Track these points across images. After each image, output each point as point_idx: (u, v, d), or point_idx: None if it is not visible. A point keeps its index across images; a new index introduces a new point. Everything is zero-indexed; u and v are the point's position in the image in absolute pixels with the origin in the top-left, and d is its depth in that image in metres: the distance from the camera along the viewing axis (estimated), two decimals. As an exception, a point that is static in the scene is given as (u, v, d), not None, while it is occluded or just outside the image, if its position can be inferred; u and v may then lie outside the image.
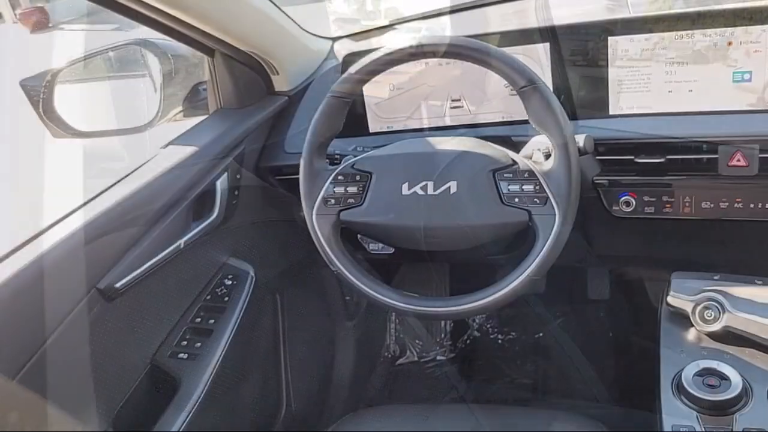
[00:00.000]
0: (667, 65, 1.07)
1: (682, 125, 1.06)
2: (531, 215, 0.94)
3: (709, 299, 0.95)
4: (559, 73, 1.13)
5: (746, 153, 1.03)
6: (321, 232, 1.03)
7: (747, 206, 1.06)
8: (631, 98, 1.10)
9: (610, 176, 1.12)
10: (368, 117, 1.25)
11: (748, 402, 0.83)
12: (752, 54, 1.02)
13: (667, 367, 0.91)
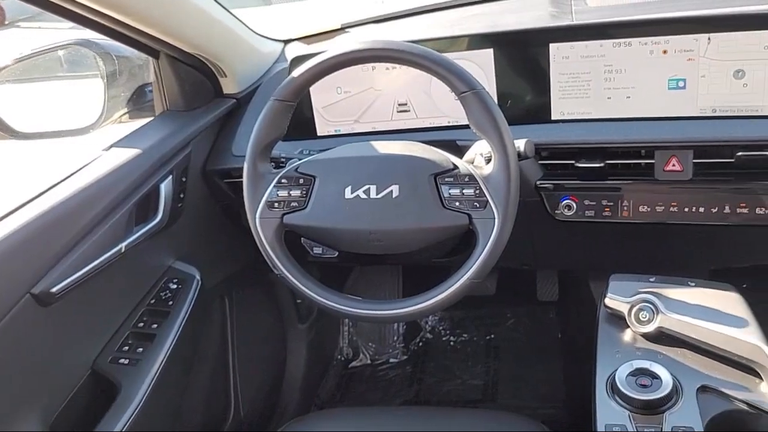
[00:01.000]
0: (605, 72, 1.09)
1: (620, 131, 1.09)
2: (471, 219, 0.95)
3: (644, 301, 0.97)
4: (503, 79, 1.15)
5: (681, 158, 1.06)
6: (264, 236, 1.02)
7: (682, 210, 1.09)
8: (572, 104, 1.13)
9: (552, 180, 1.14)
10: (316, 120, 1.25)
11: (678, 401, 0.86)
12: (686, 62, 1.05)
13: (602, 367, 0.93)
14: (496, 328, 1.88)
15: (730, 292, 1.00)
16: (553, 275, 1.78)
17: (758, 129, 1.02)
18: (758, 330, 0.91)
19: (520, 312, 1.88)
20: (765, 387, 0.87)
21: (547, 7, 1.35)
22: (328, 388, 1.80)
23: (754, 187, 1.04)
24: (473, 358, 1.82)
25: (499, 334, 1.86)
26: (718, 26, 1.01)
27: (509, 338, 1.86)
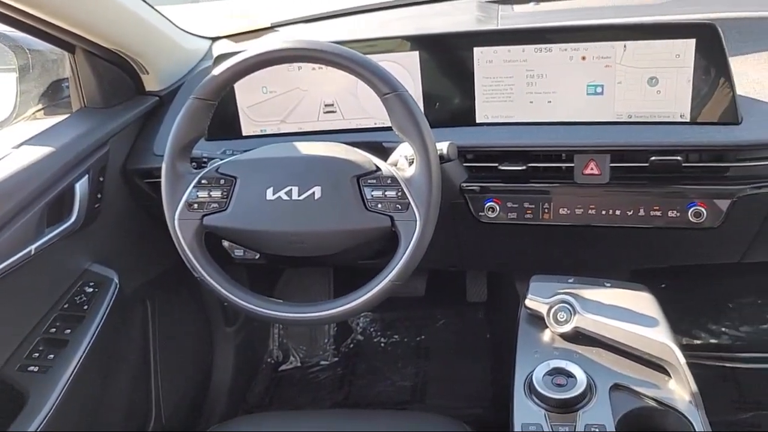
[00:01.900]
0: (528, 77, 1.11)
1: (541, 135, 1.11)
2: (393, 221, 0.95)
3: (562, 302, 1.00)
4: (429, 82, 1.15)
5: (599, 162, 1.09)
6: (183, 238, 1.00)
7: (599, 212, 1.12)
8: (495, 107, 1.14)
9: (476, 183, 1.15)
10: (241, 120, 1.23)
11: (592, 399, 0.88)
12: (604, 69, 1.07)
13: (521, 367, 0.94)
14: (427, 329, 1.89)
15: (644, 293, 1.03)
16: (482, 276, 1.81)
17: (670, 135, 1.05)
18: (668, 329, 0.94)
19: (449, 313, 1.90)
20: (673, 384, 0.90)
21: (475, 11, 1.37)
22: (257, 392, 1.77)
23: (667, 191, 1.08)
24: (403, 359, 1.83)
25: (429, 335, 1.88)
26: (632, 34, 1.04)
27: (439, 339, 1.87)
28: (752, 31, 1.17)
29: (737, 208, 1.06)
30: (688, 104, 1.05)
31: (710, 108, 1.04)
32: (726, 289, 1.77)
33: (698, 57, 1.02)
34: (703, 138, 1.04)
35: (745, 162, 1.05)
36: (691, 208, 1.07)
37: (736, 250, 1.24)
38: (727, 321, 1.74)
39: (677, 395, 0.88)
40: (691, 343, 1.73)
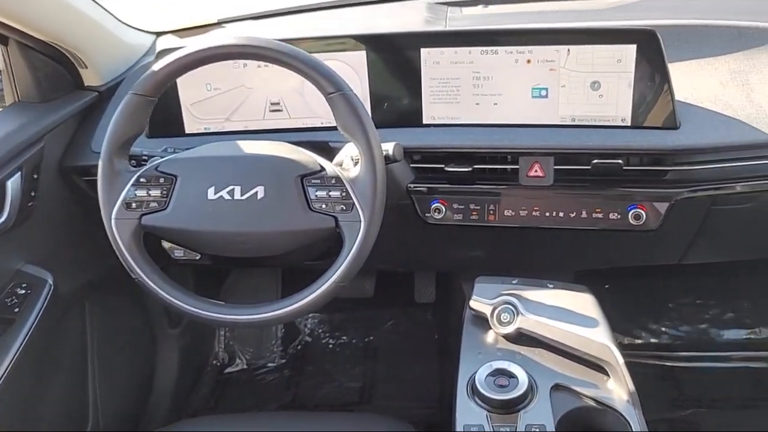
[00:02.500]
0: (474, 78, 1.12)
1: (487, 136, 1.12)
2: (337, 221, 0.94)
3: (505, 303, 1.01)
4: (376, 82, 1.15)
5: (543, 164, 1.10)
6: (121, 238, 0.97)
7: (543, 214, 1.13)
8: (442, 109, 1.14)
9: (423, 184, 1.15)
10: (184, 117, 1.20)
11: (533, 399, 0.89)
12: (548, 72, 1.09)
13: (465, 368, 0.95)
14: (375, 330, 1.89)
15: (585, 294, 1.05)
16: (431, 277, 1.81)
17: (611, 138, 1.07)
18: (607, 330, 0.96)
19: (398, 313, 1.90)
20: (612, 384, 0.91)
21: (423, 12, 1.37)
22: (201, 395, 1.74)
23: (608, 194, 1.10)
24: (351, 360, 1.82)
25: (377, 336, 1.87)
26: (576, 39, 1.06)
27: (388, 340, 1.87)
28: (691, 38, 1.20)
29: (675, 211, 1.09)
30: (629, 108, 1.07)
31: (650, 112, 1.06)
32: (666, 289, 1.81)
33: (639, 62, 1.04)
34: (642, 142, 1.06)
35: (683, 166, 1.08)
36: (631, 210, 1.09)
37: (675, 251, 1.27)
38: (667, 321, 1.78)
39: (615, 395, 0.90)
40: (633, 343, 1.77)
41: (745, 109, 1.07)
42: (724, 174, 1.08)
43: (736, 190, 1.10)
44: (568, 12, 1.41)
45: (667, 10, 1.37)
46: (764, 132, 1.04)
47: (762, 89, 1.10)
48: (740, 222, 1.19)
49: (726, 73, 1.13)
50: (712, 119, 1.07)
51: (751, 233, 1.26)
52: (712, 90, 1.11)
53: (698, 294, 1.79)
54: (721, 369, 1.70)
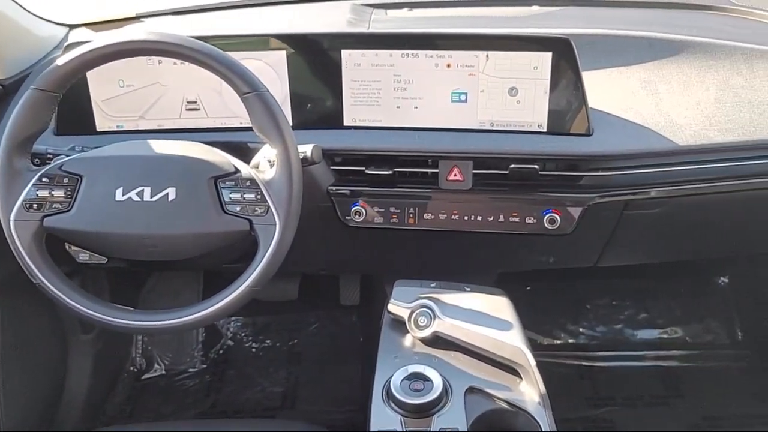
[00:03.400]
0: (395, 82, 1.11)
1: (408, 140, 1.12)
2: (252, 224, 0.92)
3: (423, 306, 1.01)
4: (297, 82, 1.13)
5: (462, 168, 1.11)
6: (20, 240, 0.92)
7: (462, 218, 1.14)
8: (363, 111, 1.14)
9: (343, 186, 1.14)
10: (95, 114, 1.15)
11: (447, 403, 0.89)
12: (468, 77, 1.10)
13: (381, 372, 0.94)
14: (300, 333, 1.87)
15: (501, 297, 1.06)
16: (356, 279, 1.80)
17: (528, 144, 1.09)
18: (521, 333, 0.97)
19: (323, 316, 1.88)
20: (524, 386, 0.93)
21: (347, 14, 1.36)
22: (117, 402, 1.68)
23: (524, 198, 1.12)
24: (275, 364, 1.79)
25: (301, 339, 1.85)
26: (494, 45, 1.07)
27: (312, 343, 1.85)
28: (606, 47, 1.23)
29: (589, 215, 1.12)
30: (545, 115, 1.09)
31: (565, 119, 1.09)
32: (584, 291, 1.87)
33: (554, 70, 1.06)
34: (557, 148, 1.08)
35: (596, 172, 1.11)
36: (546, 214, 1.11)
37: (591, 255, 1.30)
38: (584, 321, 1.84)
39: (527, 396, 0.91)
40: (552, 343, 1.82)
41: (654, 117, 1.11)
42: (635, 180, 1.12)
43: (646, 196, 1.14)
44: (491, 18, 1.43)
45: (585, 19, 1.41)
46: (671, 140, 1.08)
47: (670, 99, 1.14)
48: (651, 226, 1.23)
49: (637, 83, 1.17)
50: (623, 127, 1.11)
51: (661, 237, 1.31)
52: (624, 98, 1.14)
53: (614, 295, 1.85)
54: (634, 368, 1.76)
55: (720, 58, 1.19)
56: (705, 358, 1.77)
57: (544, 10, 1.47)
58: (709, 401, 1.64)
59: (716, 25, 1.38)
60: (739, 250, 1.56)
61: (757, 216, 1.25)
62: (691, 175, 1.12)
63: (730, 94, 1.14)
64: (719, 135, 1.09)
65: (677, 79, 1.17)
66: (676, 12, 1.47)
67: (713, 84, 1.16)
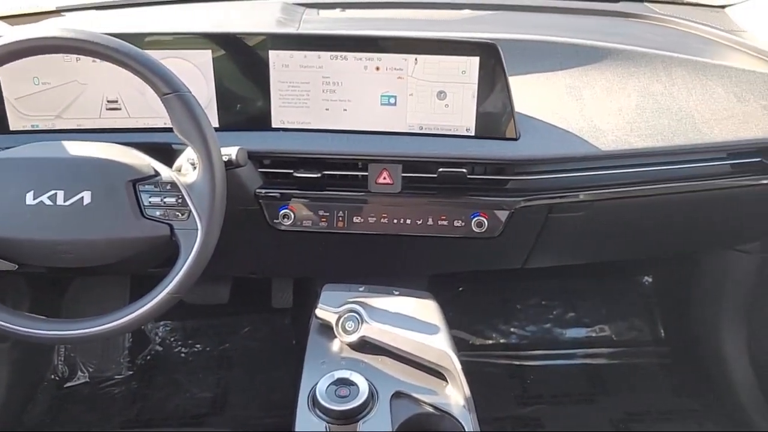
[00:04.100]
0: (324, 84, 1.10)
1: (337, 142, 1.11)
2: (173, 229, 0.89)
3: (350, 311, 1.00)
4: (223, 83, 1.10)
5: (391, 172, 1.11)
6: None
7: (392, 221, 1.14)
8: (292, 113, 1.12)
9: (271, 189, 1.13)
10: (8, 113, 1.10)
11: (373, 408, 0.88)
12: (396, 80, 1.09)
13: (307, 379, 0.93)
14: (231, 337, 1.83)
15: (428, 301, 1.06)
16: (288, 282, 1.78)
17: (456, 147, 1.10)
18: (447, 336, 0.98)
19: (255, 319, 1.85)
20: (450, 390, 0.93)
21: (277, 13, 1.34)
22: (37, 412, 1.60)
23: (453, 202, 1.13)
24: (205, 369, 1.75)
25: (233, 343, 1.82)
26: (422, 49, 1.07)
27: (244, 347, 1.82)
28: (533, 53, 1.25)
29: (515, 219, 1.13)
30: (473, 119, 1.10)
31: (492, 123, 1.10)
32: (515, 292, 1.90)
33: (482, 74, 1.07)
34: (485, 152, 1.09)
35: (523, 176, 1.13)
36: (474, 218, 1.12)
37: (518, 257, 1.33)
38: (515, 321, 1.87)
39: (452, 400, 0.91)
40: (484, 344, 1.84)
41: (579, 122, 1.14)
42: (560, 184, 1.14)
43: (571, 199, 1.16)
44: (423, 21, 1.43)
45: (515, 25, 1.43)
46: (594, 145, 1.11)
47: (594, 104, 1.17)
48: (576, 229, 1.26)
49: (563, 88, 1.19)
50: (549, 132, 1.13)
51: (586, 239, 1.34)
52: (550, 104, 1.16)
53: (543, 296, 1.89)
54: (562, 366, 1.81)
55: (641, 66, 1.23)
56: (629, 355, 1.82)
57: (475, 14, 1.48)
58: (632, 397, 1.70)
59: (639, 33, 1.42)
60: (660, 251, 1.62)
61: (676, 218, 1.29)
62: (613, 179, 1.15)
63: (651, 101, 1.17)
64: (639, 140, 1.12)
65: (601, 86, 1.20)
66: (601, 19, 1.51)
67: (634, 90, 1.19)
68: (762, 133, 1.14)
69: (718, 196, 1.22)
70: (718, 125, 1.14)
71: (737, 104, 1.17)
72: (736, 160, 1.17)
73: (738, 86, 1.19)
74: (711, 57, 1.27)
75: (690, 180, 1.18)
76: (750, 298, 1.57)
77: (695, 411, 1.66)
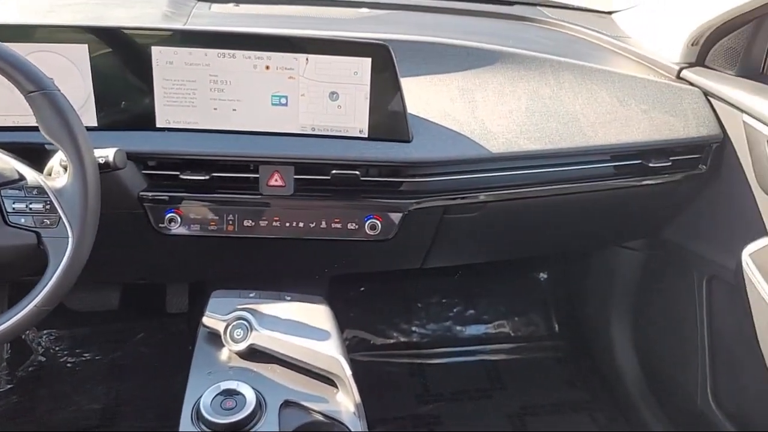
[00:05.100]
0: (211, 82, 1.06)
1: (226, 143, 1.07)
2: (40, 237, 0.83)
3: (239, 318, 0.97)
4: (102, 79, 1.04)
5: (283, 174, 1.08)
6: None
7: (284, 224, 1.11)
8: (178, 112, 1.07)
9: (156, 192, 1.07)
10: None
11: (261, 419, 0.86)
12: (287, 80, 1.06)
13: (192, 391, 0.90)
14: (124, 345, 1.74)
15: (320, 306, 1.05)
16: (184, 285, 1.72)
17: (349, 149, 1.08)
18: (338, 342, 0.97)
19: (149, 325, 1.77)
20: (341, 396, 0.92)
21: (164, 6, 1.28)
22: None
23: (346, 204, 1.11)
24: (94, 379, 1.66)
25: (125, 351, 1.73)
26: (313, 48, 1.05)
27: (137, 354, 1.74)
28: (427, 55, 1.25)
29: (409, 221, 1.13)
30: (365, 120, 1.09)
31: (385, 125, 1.09)
32: (416, 290, 1.91)
33: (374, 76, 1.06)
34: (378, 154, 1.08)
35: (416, 178, 1.13)
36: (368, 220, 1.12)
37: (416, 257, 1.33)
38: (416, 320, 1.88)
39: (343, 407, 0.90)
40: (385, 343, 1.85)
41: (470, 125, 1.15)
42: (453, 185, 1.15)
43: (464, 201, 1.17)
44: (319, 19, 1.41)
45: (411, 25, 1.44)
46: (485, 147, 1.12)
47: (485, 107, 1.18)
48: (471, 229, 1.27)
49: (456, 90, 1.20)
50: (441, 134, 1.13)
51: (481, 239, 1.36)
52: (443, 106, 1.17)
53: (444, 294, 1.91)
54: (462, 363, 1.84)
55: (531, 69, 1.25)
56: (526, 350, 1.88)
57: (373, 13, 1.48)
58: (529, 391, 1.75)
59: (531, 37, 1.45)
60: (553, 250, 1.67)
61: (566, 218, 1.33)
62: (504, 181, 1.17)
63: (540, 104, 1.20)
64: (529, 143, 1.14)
65: (492, 88, 1.21)
66: (496, 22, 1.54)
67: (524, 94, 1.21)
68: (642, 136, 1.19)
69: (604, 197, 1.27)
70: (602, 129, 1.18)
71: (620, 108, 1.21)
72: (618, 163, 1.22)
73: (621, 91, 1.24)
74: (597, 62, 1.32)
75: (577, 181, 1.21)
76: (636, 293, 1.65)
77: (588, 402, 1.73)
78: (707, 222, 1.34)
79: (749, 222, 1.22)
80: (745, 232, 1.23)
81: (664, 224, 1.45)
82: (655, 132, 1.20)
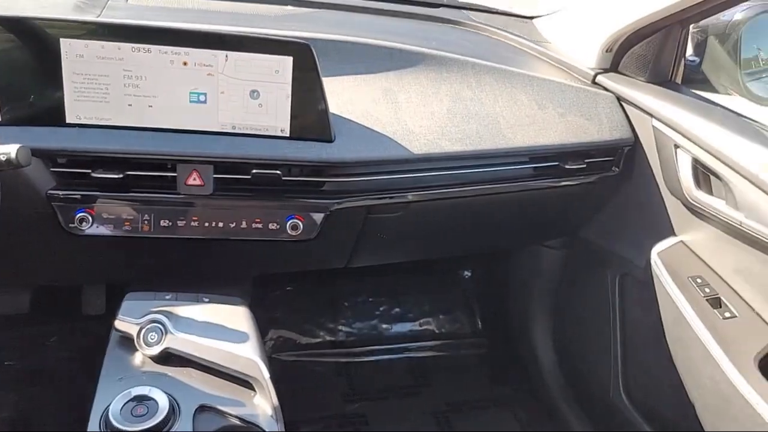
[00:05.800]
0: (126, 77, 1.02)
1: (142, 141, 1.03)
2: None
3: (153, 321, 0.94)
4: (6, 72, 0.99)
5: (202, 173, 1.06)
6: None
7: (202, 224, 1.09)
8: (89, 108, 1.03)
9: (65, 191, 1.03)
10: None
11: (174, 424, 0.84)
12: (206, 77, 1.04)
13: (101, 398, 0.86)
14: (36, 349, 1.66)
15: (239, 307, 1.03)
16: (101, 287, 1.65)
17: (271, 148, 1.07)
18: (257, 344, 0.95)
19: (65, 328, 1.70)
20: (258, 399, 0.91)
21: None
22: None
23: (268, 204, 1.10)
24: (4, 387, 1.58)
25: (39, 357, 1.65)
26: (232, 45, 1.03)
27: (53, 359, 1.66)
28: (350, 54, 1.25)
29: (332, 221, 1.13)
30: (287, 120, 1.08)
31: (307, 125, 1.08)
32: (342, 289, 1.91)
33: (295, 74, 1.05)
34: (299, 153, 1.07)
35: (339, 177, 1.12)
36: (289, 220, 1.10)
37: (341, 257, 1.33)
38: (343, 319, 1.88)
39: (260, 411, 0.89)
40: (311, 342, 1.84)
41: (393, 126, 1.15)
42: (375, 186, 1.15)
43: (387, 201, 1.18)
44: (242, 15, 1.38)
45: (337, 24, 1.43)
46: (407, 148, 1.13)
47: (408, 108, 1.19)
48: (395, 229, 1.28)
49: (379, 91, 1.20)
50: (364, 134, 1.13)
51: (405, 238, 1.37)
52: (366, 106, 1.17)
53: (370, 293, 1.92)
54: (388, 361, 1.85)
55: (453, 71, 1.27)
56: (451, 347, 1.91)
57: (296, 11, 1.46)
58: (453, 388, 1.77)
59: (454, 39, 1.47)
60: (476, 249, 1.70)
61: (487, 218, 1.36)
62: (426, 181, 1.18)
63: (461, 106, 1.22)
64: (450, 144, 1.16)
65: (415, 90, 1.22)
66: (420, 23, 1.55)
67: (446, 96, 1.23)
68: (558, 139, 1.22)
69: (524, 197, 1.30)
70: (521, 131, 1.21)
71: (538, 111, 1.24)
72: (537, 164, 1.25)
73: (539, 94, 1.27)
74: (517, 65, 1.35)
75: (498, 182, 1.24)
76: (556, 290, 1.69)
77: (511, 398, 1.77)
78: (620, 222, 1.40)
79: (658, 222, 1.28)
80: (654, 231, 1.28)
81: (582, 224, 1.50)
82: (571, 135, 1.24)
